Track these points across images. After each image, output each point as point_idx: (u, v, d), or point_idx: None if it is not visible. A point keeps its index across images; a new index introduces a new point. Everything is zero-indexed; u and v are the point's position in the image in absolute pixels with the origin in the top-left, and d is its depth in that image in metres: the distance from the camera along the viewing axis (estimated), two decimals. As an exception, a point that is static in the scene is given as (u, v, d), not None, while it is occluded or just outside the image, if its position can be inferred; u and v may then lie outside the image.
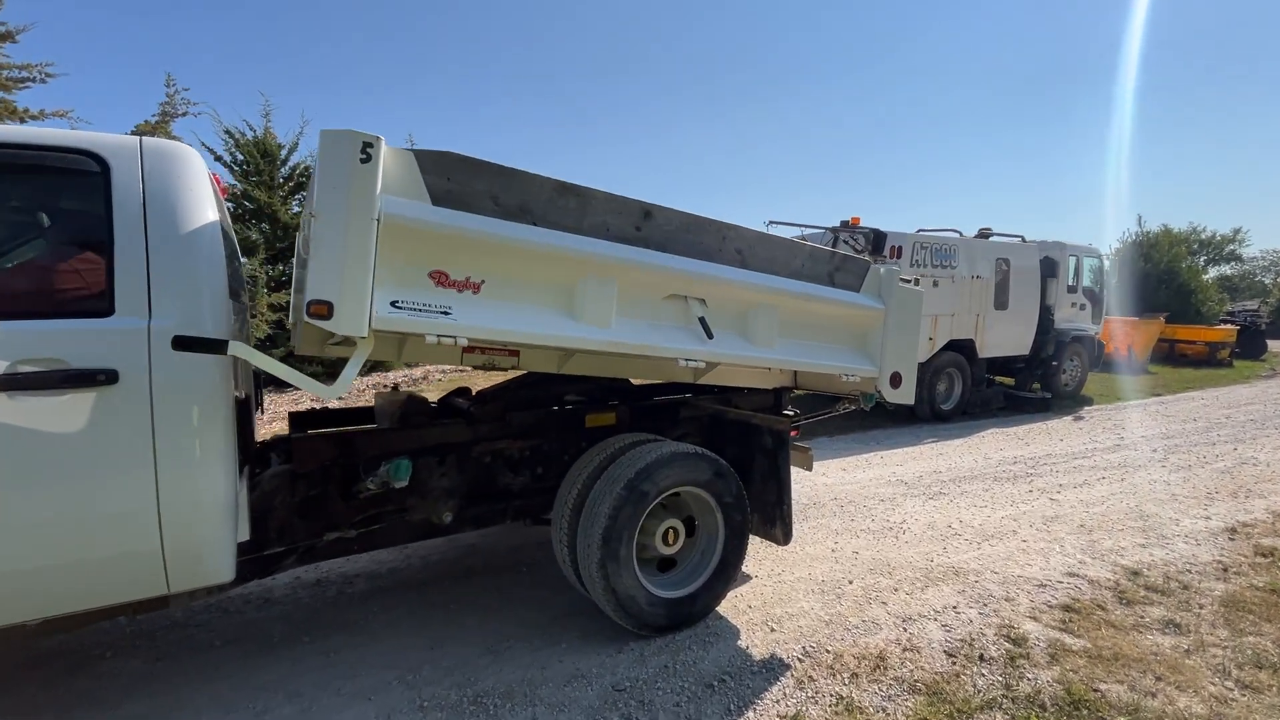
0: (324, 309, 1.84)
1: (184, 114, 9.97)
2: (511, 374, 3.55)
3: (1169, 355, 16.07)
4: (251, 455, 2.49)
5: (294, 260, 3.25)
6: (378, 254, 1.90)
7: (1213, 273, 32.53)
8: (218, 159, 11.35)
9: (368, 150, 1.87)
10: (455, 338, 2.07)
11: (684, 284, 2.62)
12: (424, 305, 2.03)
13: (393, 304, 1.96)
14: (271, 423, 7.32)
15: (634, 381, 3.92)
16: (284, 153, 11.82)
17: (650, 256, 2.50)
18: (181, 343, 1.92)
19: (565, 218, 2.31)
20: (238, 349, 1.95)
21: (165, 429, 1.97)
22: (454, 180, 2.09)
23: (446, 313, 2.06)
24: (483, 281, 2.16)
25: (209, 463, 2.06)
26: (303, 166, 12.01)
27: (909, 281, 3.36)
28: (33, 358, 1.84)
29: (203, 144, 11.67)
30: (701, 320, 2.67)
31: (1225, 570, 3.80)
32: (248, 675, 2.68)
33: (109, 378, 1.90)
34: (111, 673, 2.70)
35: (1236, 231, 33.96)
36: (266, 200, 11.13)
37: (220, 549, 2.14)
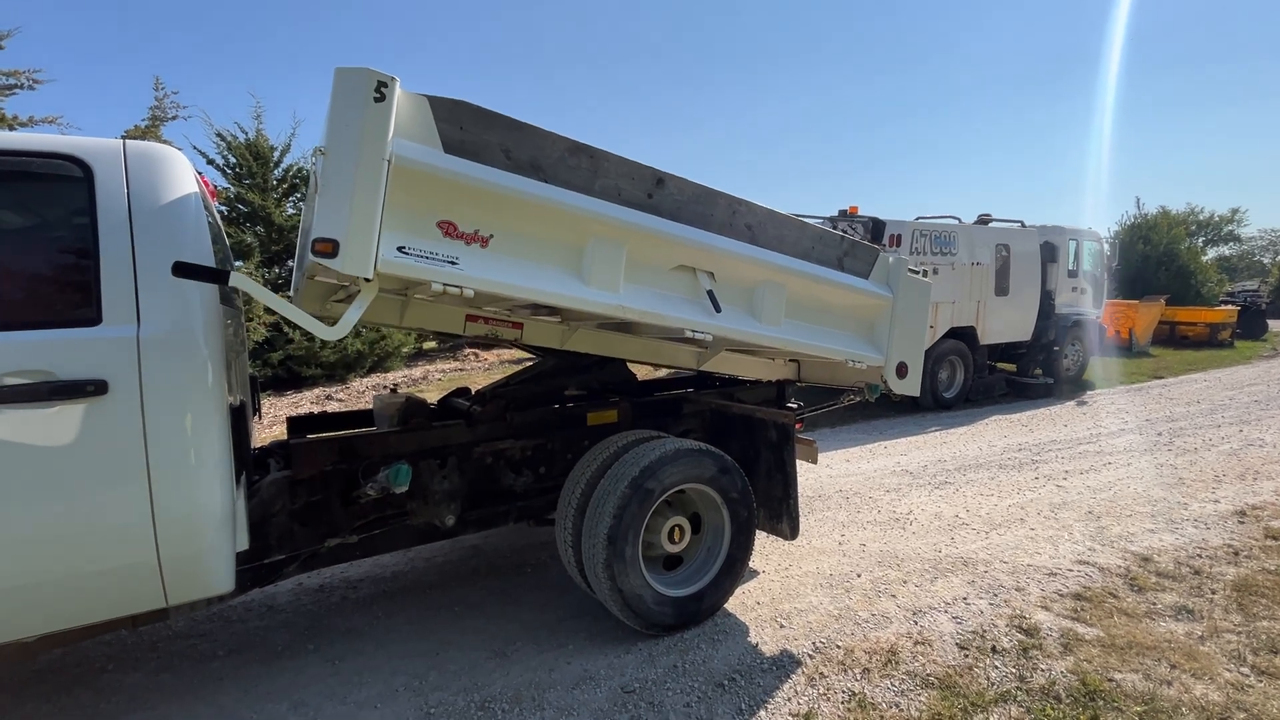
0: (329, 247, 1.79)
1: (174, 118, 9.90)
2: (511, 371, 3.51)
3: (1170, 337, 16.01)
4: (249, 462, 2.44)
5: (301, 219, 3.24)
6: (386, 196, 1.86)
7: (1212, 254, 32.45)
8: (210, 162, 11.27)
9: (382, 90, 1.82)
10: (461, 288, 2.01)
11: (693, 255, 2.58)
12: (431, 253, 1.98)
13: (399, 249, 1.92)
14: (270, 427, 7.28)
15: (637, 377, 3.88)
16: (277, 154, 11.73)
17: (661, 224, 2.45)
18: (182, 269, 1.87)
19: (576, 178, 2.26)
20: (239, 280, 1.91)
21: (158, 439, 1.93)
22: (467, 130, 2.04)
23: (453, 263, 2.02)
24: (491, 236, 2.11)
25: (204, 472, 2.02)
26: (296, 168, 11.93)
27: (918, 272, 3.32)
28: (19, 370, 1.79)
29: (194, 147, 11.62)
30: (710, 294, 2.62)
31: (1236, 554, 3.77)
32: (252, 685, 2.64)
33: (98, 388, 1.86)
34: (113, 686, 2.66)
35: (1235, 212, 33.88)
36: (260, 203, 11.05)
37: (218, 559, 2.10)
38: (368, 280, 1.88)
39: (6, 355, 1.79)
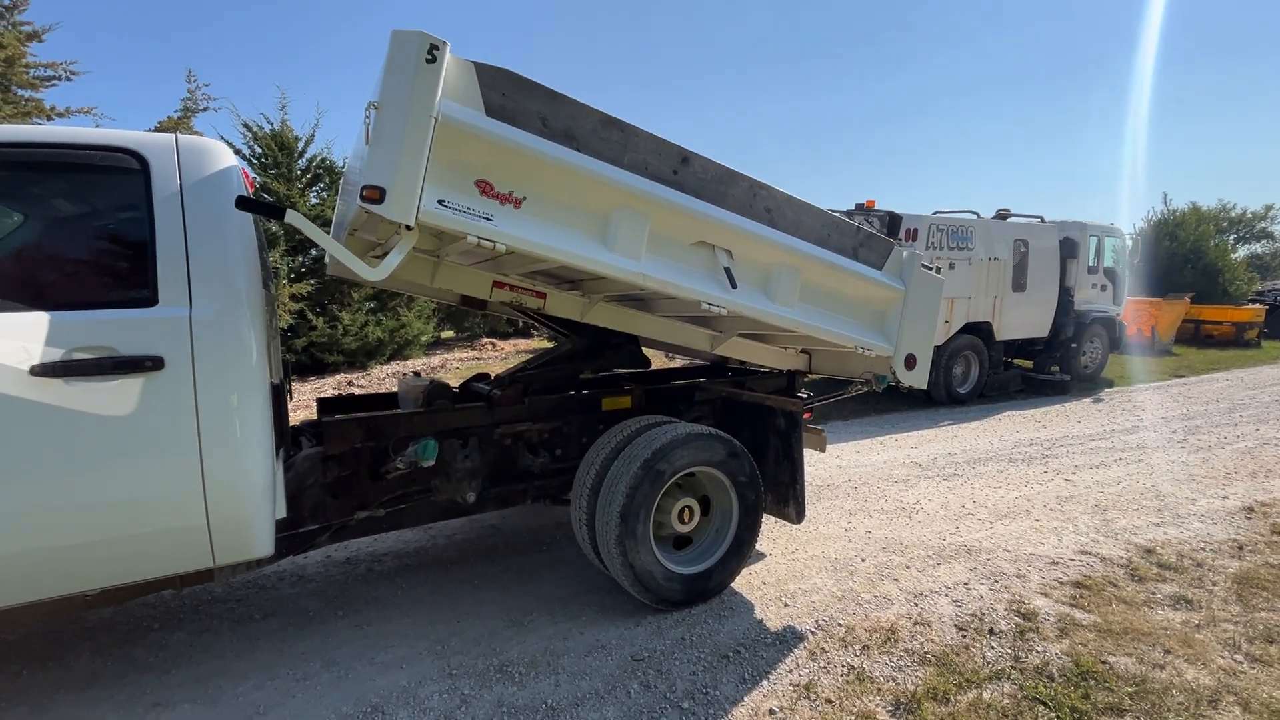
0: (376, 194, 1.93)
1: (205, 109, 10.16)
2: (524, 357, 3.66)
3: (1195, 336, 15.76)
4: (287, 437, 2.61)
5: (338, 194, 3.48)
6: (431, 151, 1.99)
7: (1242, 251, 31.61)
8: (236, 153, 11.53)
9: (434, 52, 1.95)
10: (494, 243, 2.15)
11: (713, 232, 2.68)
12: (468, 208, 2.12)
13: (439, 202, 2.05)
14: (295, 411, 7.52)
15: (651, 363, 4.01)
16: (301, 145, 11.97)
17: (684, 200, 2.56)
18: (243, 203, 2.07)
19: (607, 149, 2.38)
20: (293, 217, 2.06)
21: (208, 412, 2.10)
22: (508, 96, 2.17)
23: (488, 219, 2.15)
24: (524, 198, 2.24)
25: (249, 443, 2.19)
26: (320, 158, 12.18)
27: (930, 268, 3.39)
28: (86, 346, 1.97)
29: (222, 138, 11.88)
30: (727, 270, 2.72)
31: (1240, 548, 3.81)
32: (286, 645, 2.83)
33: (155, 364, 2.03)
34: (160, 643, 2.87)
35: (1268, 208, 32.89)
36: (285, 193, 11.30)
37: (260, 524, 2.27)
38: (409, 228, 2.01)
39: (74, 332, 1.97)
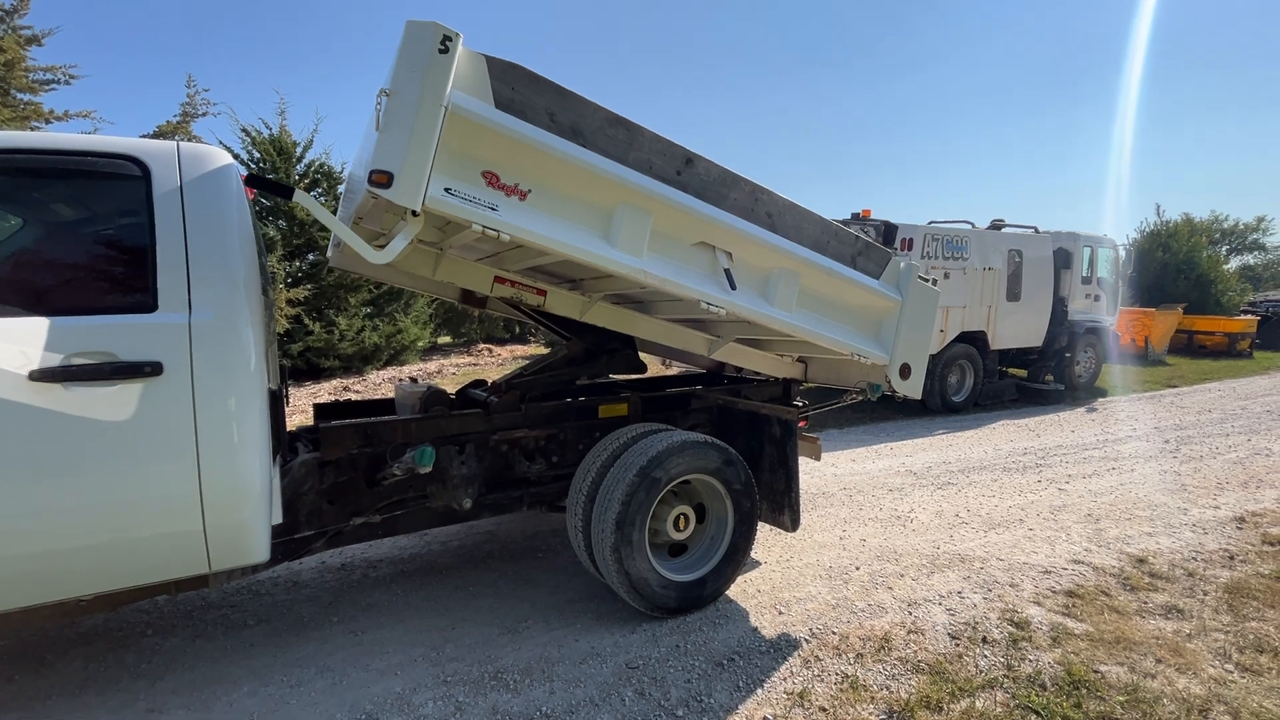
0: (385, 178, 1.96)
1: (204, 114, 10.18)
2: (521, 363, 3.67)
3: (1187, 346, 15.87)
4: (284, 442, 2.62)
5: (341, 191, 3.49)
6: (440, 139, 2.02)
7: (1235, 263, 31.93)
8: (235, 158, 11.54)
9: (446, 43, 1.98)
10: (499, 232, 2.18)
11: (714, 234, 2.70)
12: (474, 198, 2.14)
13: (446, 189, 2.08)
14: (291, 416, 7.51)
15: (647, 367, 4.03)
16: (299, 150, 11.99)
17: (687, 200, 2.58)
18: (252, 180, 2.09)
19: (612, 147, 2.40)
20: (300, 197, 2.09)
21: (206, 417, 2.10)
22: (517, 90, 2.20)
23: (493, 209, 2.17)
24: (529, 190, 2.27)
25: (246, 448, 2.19)
26: (318, 164, 12.19)
27: (927, 280, 3.42)
28: (85, 351, 1.97)
29: (220, 143, 11.91)
30: (726, 272, 2.74)
31: (1231, 558, 3.84)
32: (281, 652, 2.83)
33: (154, 369, 2.03)
34: (154, 648, 2.86)
35: (1260, 220, 33.27)
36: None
37: (257, 530, 2.27)
38: (415, 214, 2.04)
39: (74, 337, 1.97)
